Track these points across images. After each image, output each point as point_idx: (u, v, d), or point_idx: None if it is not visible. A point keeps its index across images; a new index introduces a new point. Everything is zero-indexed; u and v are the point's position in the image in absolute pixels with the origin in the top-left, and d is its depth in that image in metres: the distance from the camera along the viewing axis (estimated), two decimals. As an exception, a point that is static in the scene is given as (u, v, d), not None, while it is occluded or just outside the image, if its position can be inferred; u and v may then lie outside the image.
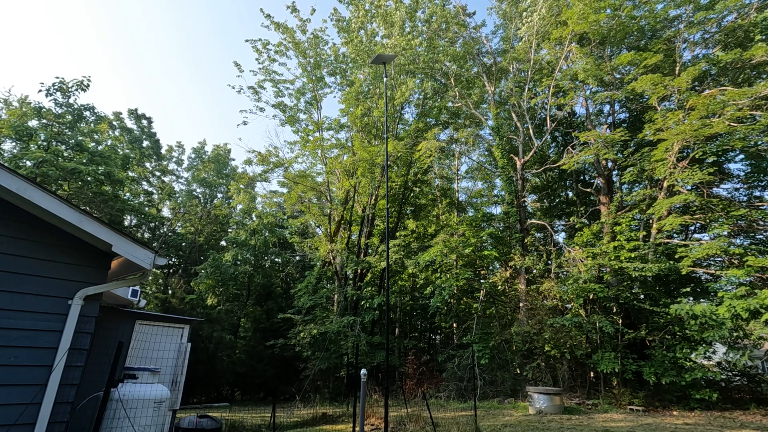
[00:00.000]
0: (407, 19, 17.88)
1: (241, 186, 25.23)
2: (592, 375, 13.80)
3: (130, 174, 24.89)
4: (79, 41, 76.37)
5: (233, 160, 36.53)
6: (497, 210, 24.12)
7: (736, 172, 15.50)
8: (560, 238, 20.48)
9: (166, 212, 30.18)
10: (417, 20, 18.74)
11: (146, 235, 27.40)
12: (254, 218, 26.94)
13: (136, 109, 27.51)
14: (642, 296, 13.37)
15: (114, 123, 26.10)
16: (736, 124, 11.62)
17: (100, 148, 20.93)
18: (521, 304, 15.61)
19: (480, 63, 19.61)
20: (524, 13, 17.25)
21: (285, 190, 23.07)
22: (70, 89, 18.38)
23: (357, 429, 6.64)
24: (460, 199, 25.69)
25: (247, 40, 18.84)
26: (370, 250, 19.33)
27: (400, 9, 17.51)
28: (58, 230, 4.06)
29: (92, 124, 21.32)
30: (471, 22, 19.70)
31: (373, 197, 19.18)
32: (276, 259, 27.80)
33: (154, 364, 6.21)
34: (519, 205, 17.08)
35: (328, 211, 20.02)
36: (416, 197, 22.83)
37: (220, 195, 31.47)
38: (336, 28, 19.45)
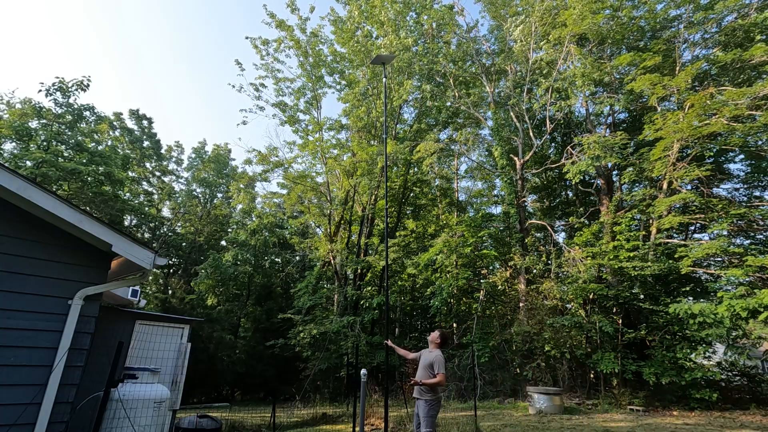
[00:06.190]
0: (400, 25, 17.84)
1: (241, 186, 25.23)
2: (592, 375, 13.79)
3: (130, 174, 24.90)
4: (79, 42, 76.38)
5: (233, 160, 36.46)
6: (497, 210, 24.09)
7: (736, 172, 15.50)
8: (560, 238, 20.45)
9: (166, 212, 30.19)
10: (409, 16, 18.70)
11: (146, 235, 27.39)
12: (254, 218, 26.93)
13: (137, 110, 27.54)
14: (642, 296, 13.35)
15: (114, 123, 26.12)
16: (734, 124, 11.62)
17: (100, 148, 20.94)
18: (521, 304, 15.60)
19: (479, 63, 19.59)
20: (514, 16, 17.19)
21: (285, 191, 23.09)
22: (70, 89, 18.36)
23: (357, 429, 6.65)
24: (460, 199, 25.67)
25: (247, 37, 18.83)
26: (369, 250, 19.31)
27: (393, 7, 17.49)
28: (58, 230, 4.06)
29: (92, 124, 21.31)
30: (469, 22, 19.72)
31: (373, 197, 19.17)
32: (276, 259, 27.80)
33: (154, 364, 6.20)
34: (519, 205, 17.07)
35: (328, 211, 20.00)
36: (416, 197, 22.82)
37: (220, 195, 31.46)
38: (333, 26, 19.47)
